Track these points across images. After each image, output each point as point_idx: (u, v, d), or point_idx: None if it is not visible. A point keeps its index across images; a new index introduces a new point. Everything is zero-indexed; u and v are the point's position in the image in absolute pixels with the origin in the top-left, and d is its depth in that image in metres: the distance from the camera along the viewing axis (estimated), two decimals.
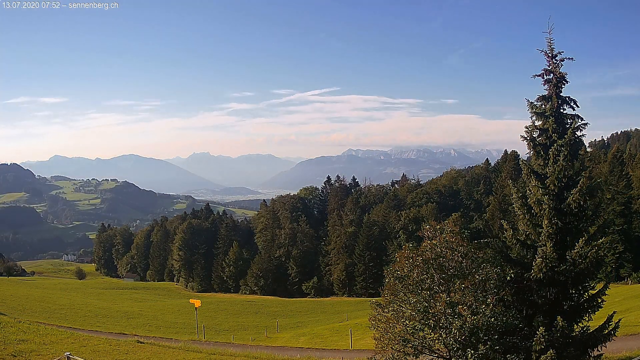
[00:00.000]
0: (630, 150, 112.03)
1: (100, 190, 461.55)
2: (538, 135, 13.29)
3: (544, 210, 12.77)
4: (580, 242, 12.09)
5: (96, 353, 19.50)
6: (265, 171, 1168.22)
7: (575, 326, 12.74)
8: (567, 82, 12.90)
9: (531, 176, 13.08)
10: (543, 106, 13.11)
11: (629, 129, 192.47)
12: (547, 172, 12.85)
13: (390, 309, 13.11)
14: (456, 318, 11.87)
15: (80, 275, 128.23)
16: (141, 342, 24.72)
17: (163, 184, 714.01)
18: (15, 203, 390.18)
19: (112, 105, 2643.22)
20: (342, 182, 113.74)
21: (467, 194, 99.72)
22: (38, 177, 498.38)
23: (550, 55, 12.95)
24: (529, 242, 13.24)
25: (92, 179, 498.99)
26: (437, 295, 12.53)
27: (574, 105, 12.98)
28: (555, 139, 12.80)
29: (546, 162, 12.94)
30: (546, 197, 12.68)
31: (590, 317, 12.88)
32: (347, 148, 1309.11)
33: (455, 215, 77.65)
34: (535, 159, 13.31)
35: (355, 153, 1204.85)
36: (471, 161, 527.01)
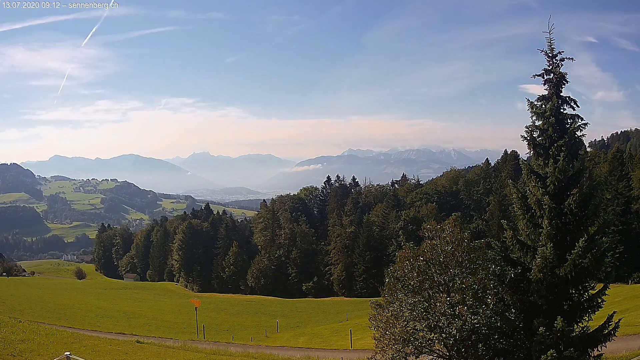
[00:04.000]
0: (630, 150, 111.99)
1: (100, 190, 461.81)
2: (538, 135, 13.26)
3: (544, 210, 12.75)
4: (580, 243, 12.05)
5: (96, 353, 19.51)
6: (265, 171, 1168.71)
7: (575, 326, 12.72)
8: (567, 82, 12.91)
9: (531, 176, 13.06)
10: (543, 106, 13.09)
11: (628, 129, 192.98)
12: (547, 172, 12.83)
13: (390, 309, 13.11)
14: (456, 318, 11.87)
15: (80, 275, 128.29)
16: (141, 342, 24.76)
17: (163, 184, 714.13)
18: (15, 203, 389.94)
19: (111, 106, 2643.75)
20: (342, 182, 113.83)
21: (467, 194, 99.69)
22: (38, 177, 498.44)
23: (550, 55, 12.94)
24: (529, 243, 13.22)
25: (92, 179, 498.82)
26: (437, 295, 12.53)
27: (574, 105, 12.98)
28: (555, 139, 12.79)
29: (546, 162, 12.92)
30: (546, 197, 12.66)
31: (590, 317, 12.86)
32: (347, 148, 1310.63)
33: (455, 215, 77.55)
34: (535, 159, 13.29)
35: (355, 153, 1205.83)
36: (471, 161, 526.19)
